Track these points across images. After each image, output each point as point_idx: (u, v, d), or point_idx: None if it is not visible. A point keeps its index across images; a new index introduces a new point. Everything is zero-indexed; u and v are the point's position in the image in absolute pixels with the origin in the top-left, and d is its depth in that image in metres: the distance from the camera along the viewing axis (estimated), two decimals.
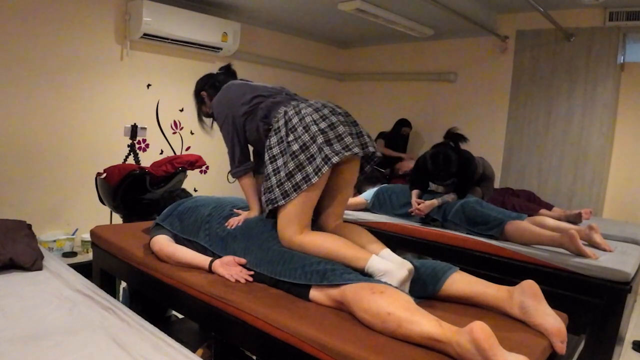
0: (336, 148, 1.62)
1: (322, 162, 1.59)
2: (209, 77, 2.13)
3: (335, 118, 1.68)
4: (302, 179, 1.61)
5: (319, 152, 1.61)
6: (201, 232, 1.91)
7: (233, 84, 1.98)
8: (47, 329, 1.32)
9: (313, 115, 1.68)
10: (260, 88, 1.91)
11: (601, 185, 4.19)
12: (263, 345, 1.46)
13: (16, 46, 3.36)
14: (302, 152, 1.63)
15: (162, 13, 3.86)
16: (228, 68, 2.18)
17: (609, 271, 2.26)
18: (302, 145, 1.63)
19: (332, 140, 1.63)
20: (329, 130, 1.64)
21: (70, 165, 3.76)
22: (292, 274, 1.56)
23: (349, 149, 1.63)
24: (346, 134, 1.65)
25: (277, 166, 1.68)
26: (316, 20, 4.87)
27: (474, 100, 5.01)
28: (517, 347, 1.24)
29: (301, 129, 1.65)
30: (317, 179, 1.60)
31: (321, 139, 1.62)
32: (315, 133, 1.63)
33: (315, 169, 1.60)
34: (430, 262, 1.66)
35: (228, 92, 1.94)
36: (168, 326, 2.35)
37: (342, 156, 1.61)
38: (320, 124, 1.65)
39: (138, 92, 4.14)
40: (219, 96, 1.96)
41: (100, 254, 2.22)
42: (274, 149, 1.72)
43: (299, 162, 1.62)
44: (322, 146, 1.61)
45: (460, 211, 2.94)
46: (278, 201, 1.64)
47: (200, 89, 2.14)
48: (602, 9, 4.05)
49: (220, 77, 2.11)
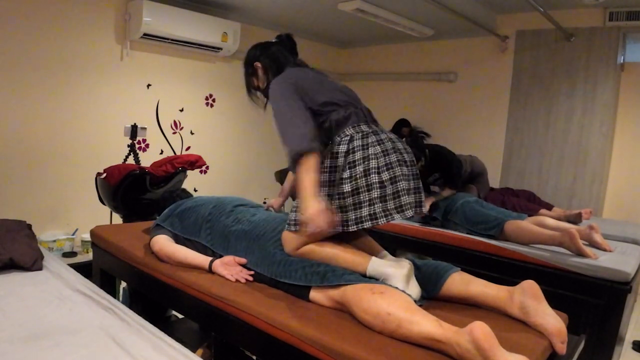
0: (389, 206, 1.50)
1: (368, 217, 1.49)
2: (265, 47, 1.85)
3: (400, 171, 1.54)
4: (341, 221, 1.52)
5: (368, 205, 1.49)
6: (202, 232, 1.91)
7: (305, 73, 1.71)
8: (47, 329, 1.32)
9: (379, 159, 1.52)
10: (336, 92, 1.67)
11: (601, 185, 4.18)
12: (263, 345, 1.46)
13: (16, 46, 3.36)
14: (351, 196, 1.51)
15: (162, 13, 3.85)
16: (288, 37, 1.88)
17: (609, 271, 2.26)
18: (354, 189, 1.51)
19: (388, 196, 1.50)
20: (389, 184, 1.50)
21: (70, 165, 3.76)
22: (293, 275, 1.56)
23: (402, 210, 1.51)
24: (404, 192, 1.51)
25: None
26: (316, 20, 4.87)
27: (474, 100, 5.01)
28: (517, 347, 1.24)
29: (360, 171, 1.51)
30: (356, 229, 1.51)
31: (377, 193, 1.49)
32: (372, 184, 1.49)
33: (358, 219, 1.50)
34: (430, 262, 1.66)
35: (298, 79, 1.66)
36: (168, 326, 2.35)
37: (390, 219, 1.50)
38: (382, 174, 1.50)
39: (138, 92, 4.14)
40: (284, 74, 1.68)
41: (100, 254, 2.22)
42: (322, 174, 1.56)
43: (344, 204, 1.52)
44: (375, 201, 1.49)
45: (460, 211, 2.95)
46: (296, 225, 1.57)
47: (253, 59, 1.84)
48: (602, 9, 4.05)
49: (275, 48, 1.83)
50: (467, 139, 4.98)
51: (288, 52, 1.85)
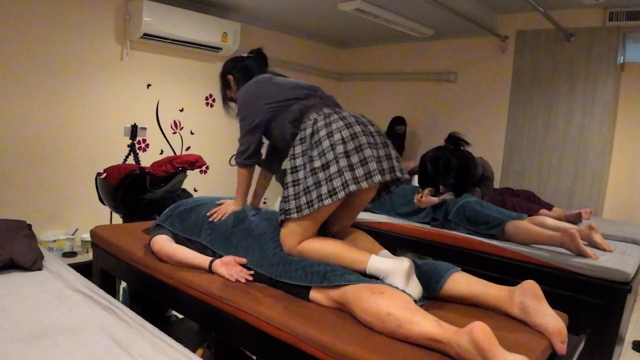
0: (357, 174, 1.55)
1: (340, 187, 1.55)
2: (237, 60, 2.03)
3: (365, 139, 1.60)
4: (316, 198, 1.57)
5: (338, 175, 1.55)
6: (202, 232, 1.91)
7: (266, 80, 1.88)
8: (47, 329, 1.31)
9: (343, 132, 1.59)
10: (296, 89, 1.82)
11: (601, 185, 4.18)
12: (263, 345, 1.46)
13: (16, 46, 3.36)
14: (322, 171, 1.58)
15: (162, 13, 3.86)
16: (259, 52, 2.07)
17: (609, 271, 2.26)
18: (324, 164, 1.58)
19: (356, 165, 1.56)
20: (355, 153, 1.57)
21: (70, 165, 3.76)
22: (293, 275, 1.56)
23: (369, 175, 1.56)
24: (372, 158, 1.58)
25: (297, 178, 1.65)
26: (316, 20, 4.87)
27: (474, 100, 5.01)
28: (517, 347, 1.24)
29: (327, 146, 1.59)
30: (331, 202, 1.55)
31: (344, 162, 1.55)
32: (339, 154, 1.56)
33: (331, 191, 1.55)
34: (431, 262, 1.66)
35: (258, 88, 1.85)
36: (168, 326, 2.34)
37: (360, 186, 1.55)
38: (347, 144, 1.57)
39: (138, 92, 4.14)
40: (247, 88, 1.87)
41: (100, 254, 2.22)
42: (297, 159, 1.66)
43: (317, 180, 1.58)
44: (344, 170, 1.55)
45: (461, 211, 2.95)
46: (291, 213, 1.61)
47: (227, 72, 2.03)
48: (602, 9, 4.05)
49: (249, 62, 2.02)
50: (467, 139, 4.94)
51: (259, 65, 2.04)
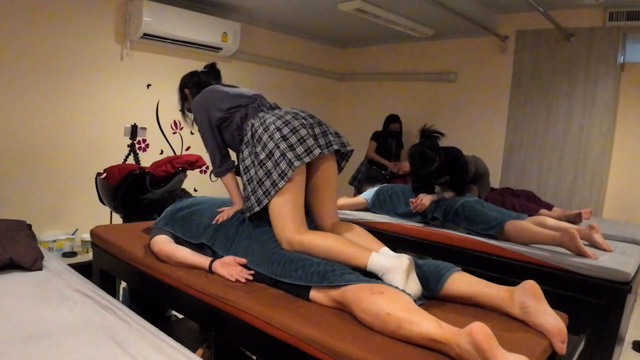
0: (298, 152, 1.68)
1: (287, 167, 1.66)
2: (192, 75, 2.20)
3: (298, 122, 1.74)
4: (270, 185, 1.69)
5: (282, 158, 1.67)
6: (205, 233, 1.91)
7: (213, 90, 2.03)
8: (47, 329, 1.32)
9: (276, 122, 1.74)
10: (239, 97, 1.97)
11: (601, 185, 4.18)
12: (263, 345, 1.46)
13: (16, 46, 3.36)
14: (268, 160, 1.70)
15: (162, 13, 3.85)
16: (212, 67, 2.24)
17: (609, 271, 2.26)
18: (268, 154, 1.71)
19: (295, 144, 1.69)
20: (291, 135, 1.70)
21: (70, 165, 3.76)
22: (293, 275, 1.56)
23: (310, 151, 1.70)
24: (308, 136, 1.72)
25: (250, 176, 1.78)
26: (316, 20, 4.87)
27: (474, 100, 5.01)
28: (517, 347, 1.24)
29: (266, 138, 1.72)
30: (284, 183, 1.66)
31: (284, 144, 1.68)
32: (278, 140, 1.69)
33: (281, 174, 1.67)
34: (431, 262, 1.66)
35: (206, 97, 2.00)
36: (168, 326, 2.34)
37: (303, 161, 1.68)
38: (283, 130, 1.71)
39: (138, 92, 4.14)
40: (198, 98, 2.02)
41: (100, 254, 2.22)
42: (246, 160, 1.80)
43: (267, 170, 1.70)
44: (285, 151, 1.67)
45: (460, 211, 2.95)
46: (254, 208, 1.73)
47: (183, 86, 2.20)
48: (602, 9, 4.05)
49: (203, 76, 2.17)
50: (467, 139, 4.98)
51: (213, 78, 2.19)
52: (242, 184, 1.88)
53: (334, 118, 6.27)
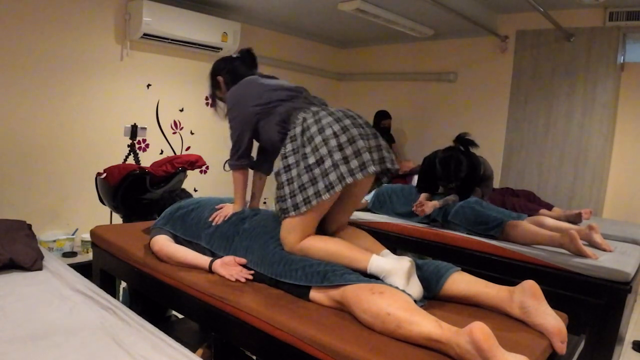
0: (352, 166, 1.57)
1: (337, 180, 1.56)
2: (226, 62, 2.05)
3: (357, 131, 1.62)
4: (313, 194, 1.58)
5: (333, 169, 1.56)
6: (203, 234, 1.91)
7: (253, 82, 1.91)
8: (47, 329, 1.32)
9: (333, 126, 1.61)
10: (279, 91, 1.84)
11: (601, 185, 4.18)
12: (263, 345, 1.46)
13: (16, 46, 3.36)
14: (317, 166, 1.58)
15: (162, 13, 3.85)
16: (248, 52, 2.07)
17: (609, 271, 2.26)
18: (318, 159, 1.58)
19: (350, 157, 1.57)
20: (348, 145, 1.58)
21: (70, 165, 3.76)
22: (293, 275, 1.56)
23: (364, 167, 1.58)
24: (365, 149, 1.60)
25: (290, 176, 1.65)
26: (316, 20, 4.87)
27: (474, 100, 5.01)
28: (517, 347, 1.24)
29: (319, 140, 1.59)
30: (329, 196, 1.56)
31: (338, 155, 1.56)
32: (333, 148, 1.57)
33: (328, 186, 1.56)
34: (431, 262, 1.66)
35: (245, 89, 1.88)
36: (168, 326, 2.35)
37: (356, 177, 1.57)
38: (340, 138, 1.58)
39: (138, 92, 4.14)
40: (235, 90, 1.90)
41: (100, 254, 2.22)
42: (289, 158, 1.67)
43: (313, 176, 1.58)
44: (339, 163, 1.56)
45: (460, 211, 2.94)
46: (289, 212, 1.62)
47: (216, 73, 2.05)
48: (602, 9, 4.05)
49: (238, 64, 2.03)
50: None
51: (247, 66, 2.04)
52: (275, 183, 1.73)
53: None
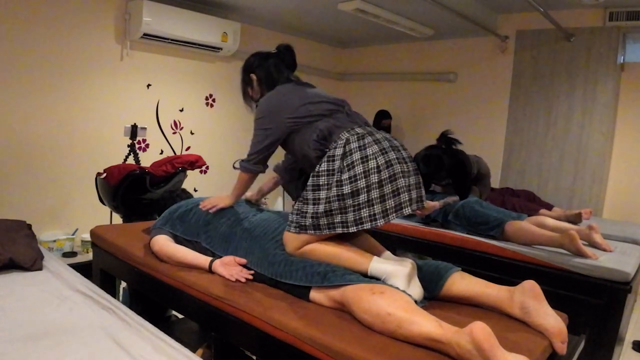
0: (388, 205, 1.51)
1: (367, 218, 1.50)
2: (262, 59, 1.91)
3: (400, 167, 1.54)
4: (339, 222, 1.52)
5: (367, 206, 1.50)
6: (202, 233, 1.91)
7: (291, 91, 1.78)
8: (47, 329, 1.32)
9: (378, 158, 1.52)
10: (320, 104, 1.72)
11: (601, 185, 4.18)
12: (263, 345, 1.46)
13: (15, 46, 3.36)
14: (351, 197, 1.51)
15: (162, 13, 3.85)
16: (287, 49, 1.93)
17: (609, 271, 2.26)
18: (354, 191, 1.51)
19: (387, 195, 1.50)
20: (388, 183, 1.50)
21: (70, 165, 3.76)
22: (293, 275, 1.56)
23: (400, 208, 1.53)
24: (404, 189, 1.53)
25: (317, 197, 1.56)
26: (316, 20, 4.87)
27: (474, 100, 5.01)
28: (517, 347, 1.24)
29: (359, 171, 1.51)
30: (355, 230, 1.51)
31: (376, 193, 1.49)
32: (372, 184, 1.50)
33: (357, 220, 1.51)
34: (431, 262, 1.66)
35: (281, 98, 1.76)
36: (168, 326, 2.35)
37: (389, 219, 1.51)
38: (382, 173, 1.50)
39: (138, 92, 4.14)
40: (270, 98, 1.78)
41: (100, 254, 2.22)
42: (321, 177, 1.58)
43: (344, 206, 1.51)
44: (375, 201, 1.49)
45: (461, 211, 2.95)
46: (307, 230, 1.57)
47: (250, 69, 1.92)
48: (602, 9, 4.05)
49: (275, 65, 1.88)
50: (467, 139, 4.94)
51: (285, 65, 1.90)
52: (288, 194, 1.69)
53: None
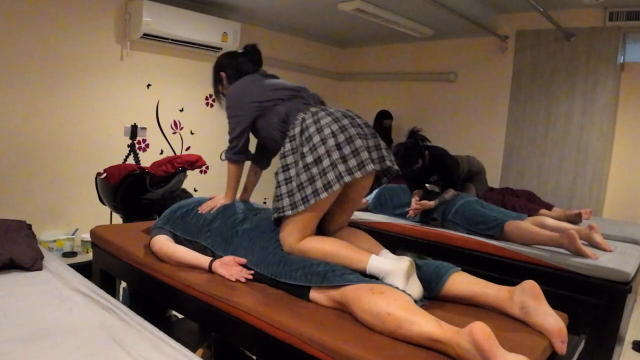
0: (350, 165, 1.58)
1: (335, 180, 1.57)
2: (231, 58, 2.05)
3: (355, 130, 1.63)
4: (311, 193, 1.59)
5: (332, 168, 1.57)
6: (203, 233, 1.91)
7: (252, 80, 1.92)
8: (47, 329, 1.32)
9: (332, 126, 1.62)
10: (279, 91, 1.85)
11: (601, 185, 4.18)
12: (263, 345, 1.46)
13: (16, 46, 3.36)
14: (315, 165, 1.59)
15: (162, 13, 3.85)
16: (253, 49, 2.07)
17: (609, 271, 2.26)
18: (316, 159, 1.59)
19: (348, 156, 1.59)
20: (346, 144, 1.60)
21: (70, 165, 3.76)
22: (293, 275, 1.56)
23: (363, 165, 1.60)
24: (363, 148, 1.61)
25: (289, 175, 1.66)
26: (316, 20, 4.87)
27: (474, 100, 5.01)
28: (517, 347, 1.24)
29: (317, 140, 1.61)
30: (327, 195, 1.58)
31: (336, 154, 1.58)
32: (331, 147, 1.59)
33: (326, 185, 1.58)
34: (431, 262, 1.66)
35: (245, 87, 1.89)
36: (168, 326, 2.35)
37: (354, 176, 1.58)
38: (338, 137, 1.60)
39: (138, 92, 4.14)
40: (235, 87, 1.91)
41: (100, 254, 2.22)
42: (287, 157, 1.68)
43: (311, 175, 1.59)
44: (337, 162, 1.58)
45: (460, 211, 2.95)
46: (285, 211, 1.63)
47: (220, 68, 2.06)
48: (602, 9, 4.05)
49: (242, 61, 2.02)
50: (467, 139, 4.98)
51: (252, 63, 2.03)
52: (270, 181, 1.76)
53: None
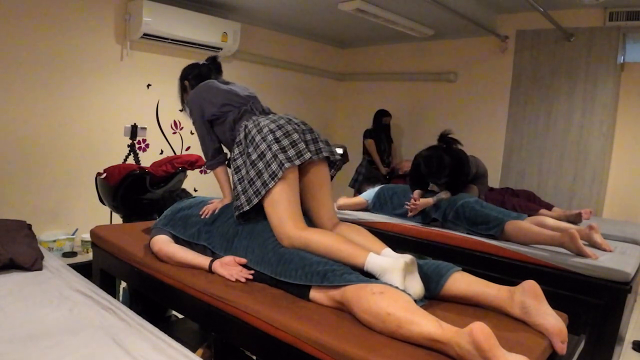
0: (290, 154, 1.74)
1: (278, 168, 1.71)
2: (193, 67, 2.22)
3: (291, 126, 1.81)
4: (261, 185, 1.74)
5: (274, 159, 1.72)
6: (203, 233, 1.91)
7: (208, 85, 2.07)
8: (47, 329, 1.31)
9: (270, 125, 1.80)
10: (232, 96, 2.01)
11: (601, 185, 4.18)
12: (263, 345, 1.46)
13: (16, 46, 3.36)
14: (260, 160, 1.76)
15: (162, 13, 3.86)
16: (214, 60, 2.26)
17: (609, 271, 2.26)
18: (260, 154, 1.76)
19: (287, 147, 1.75)
20: (284, 138, 1.76)
21: (70, 165, 3.76)
22: (293, 274, 1.56)
23: (301, 154, 1.76)
24: (300, 140, 1.78)
25: (241, 176, 1.83)
26: (316, 20, 4.87)
27: (474, 100, 5.01)
28: (517, 347, 1.24)
29: (259, 139, 1.78)
30: (274, 183, 1.71)
31: (276, 146, 1.74)
32: (270, 142, 1.75)
33: (272, 174, 1.72)
34: (431, 262, 1.66)
35: (202, 92, 2.05)
36: (168, 326, 2.34)
37: (294, 163, 1.73)
38: (276, 133, 1.77)
39: (138, 92, 4.14)
40: (194, 92, 2.08)
41: (100, 254, 2.22)
42: (237, 160, 1.86)
43: (258, 170, 1.76)
44: (277, 153, 1.73)
45: (460, 211, 2.94)
46: (243, 207, 1.77)
47: (184, 77, 2.23)
48: (602, 9, 4.05)
49: (204, 70, 2.19)
50: (467, 139, 4.94)
51: (213, 72, 2.22)
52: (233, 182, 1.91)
53: (334, 118, 6.27)
